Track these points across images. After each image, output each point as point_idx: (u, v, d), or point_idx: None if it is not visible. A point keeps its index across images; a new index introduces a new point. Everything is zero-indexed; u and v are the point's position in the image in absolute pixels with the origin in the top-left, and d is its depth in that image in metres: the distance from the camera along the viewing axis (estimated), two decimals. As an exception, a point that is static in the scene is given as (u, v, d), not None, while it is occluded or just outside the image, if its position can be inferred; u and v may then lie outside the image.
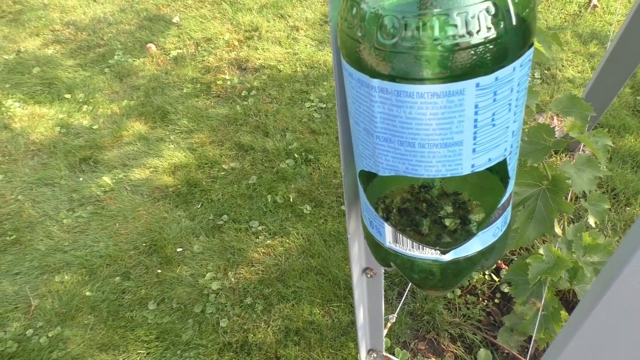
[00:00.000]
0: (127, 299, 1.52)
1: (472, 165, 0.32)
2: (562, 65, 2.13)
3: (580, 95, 1.65)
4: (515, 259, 1.50)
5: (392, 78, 0.29)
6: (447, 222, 0.43)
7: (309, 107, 2.12)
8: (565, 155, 1.76)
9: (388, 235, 0.39)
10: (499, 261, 1.52)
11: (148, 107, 2.20)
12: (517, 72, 0.29)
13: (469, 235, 0.39)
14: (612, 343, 0.40)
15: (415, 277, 0.41)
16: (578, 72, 2.09)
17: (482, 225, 0.38)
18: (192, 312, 1.47)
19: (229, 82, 2.29)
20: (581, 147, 1.68)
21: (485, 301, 1.44)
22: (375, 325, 0.74)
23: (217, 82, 2.29)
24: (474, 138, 0.30)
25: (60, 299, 1.52)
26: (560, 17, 2.41)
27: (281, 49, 2.44)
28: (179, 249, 1.64)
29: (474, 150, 0.31)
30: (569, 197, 1.57)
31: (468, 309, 1.42)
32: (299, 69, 2.31)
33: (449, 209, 0.43)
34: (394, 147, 0.32)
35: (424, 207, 0.44)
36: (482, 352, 1.35)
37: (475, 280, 1.46)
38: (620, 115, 1.88)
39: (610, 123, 1.85)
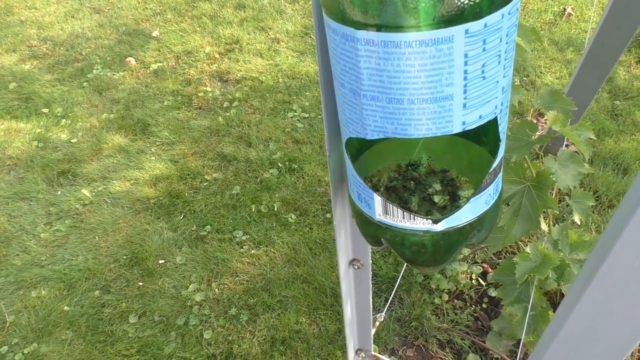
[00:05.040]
0: (107, 312, 1.47)
1: (463, 123, 0.31)
2: (541, 72, 2.16)
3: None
4: (501, 261, 1.49)
5: (378, 28, 0.27)
6: (436, 198, 0.42)
7: (291, 117, 2.11)
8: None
9: (378, 207, 0.37)
10: (486, 265, 1.51)
11: (128, 120, 2.17)
12: (506, 20, 0.28)
13: (459, 208, 0.38)
14: (607, 320, 0.39)
15: (406, 253, 0.39)
16: (556, 79, 2.12)
17: (472, 196, 0.36)
18: (175, 325, 1.43)
19: (210, 94, 2.27)
20: (563, 147, 1.70)
21: (473, 306, 1.43)
22: (363, 321, 0.72)
23: (199, 94, 2.27)
24: (465, 92, 0.29)
25: (37, 314, 1.47)
26: (537, 25, 2.46)
27: (262, 61, 2.44)
28: (161, 261, 1.60)
29: (464, 105, 0.30)
30: (553, 195, 1.57)
31: (456, 314, 1.41)
32: (280, 80, 2.31)
33: (438, 186, 0.42)
34: (382, 106, 0.31)
35: (412, 184, 0.42)
36: (472, 358, 1.33)
37: (462, 285, 1.45)
38: (599, 119, 1.90)
39: (577, 125, 1.87)
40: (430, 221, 0.36)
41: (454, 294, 1.46)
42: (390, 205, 0.36)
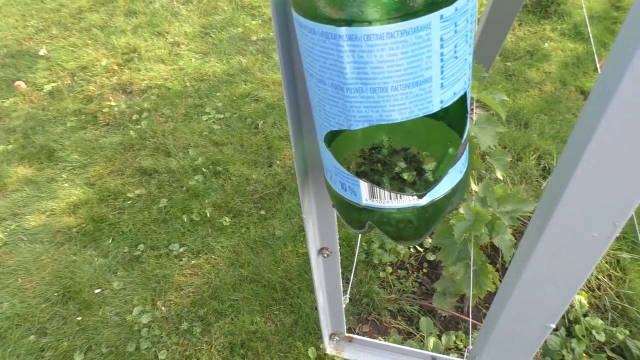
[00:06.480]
0: (48, 356, 1.37)
1: (441, 101, 0.33)
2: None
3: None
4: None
5: (361, 22, 0.29)
6: (405, 175, 0.44)
7: (206, 119, 2.07)
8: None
9: (364, 193, 0.39)
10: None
11: (30, 148, 2.01)
12: (470, 2, 0.31)
13: (438, 181, 0.40)
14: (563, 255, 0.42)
15: (392, 230, 0.41)
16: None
17: (448, 165, 0.39)
18: (126, 353, 1.37)
19: (116, 109, 2.16)
20: (473, 111, 1.81)
21: (415, 273, 1.50)
22: (335, 307, 0.74)
23: (103, 110, 2.16)
24: (442, 72, 0.32)
25: (-32, 374, 1.34)
26: None
27: (165, 67, 2.36)
28: (97, 290, 1.52)
29: (442, 85, 0.32)
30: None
31: (401, 283, 1.47)
32: (188, 84, 2.25)
33: (403, 164, 0.44)
34: (367, 96, 0.32)
35: (381, 166, 0.44)
36: (424, 320, 1.40)
37: (402, 255, 1.52)
38: (495, 80, 2.05)
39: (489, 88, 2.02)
40: (415, 197, 0.38)
41: (396, 265, 1.52)
42: (377, 188, 0.38)
